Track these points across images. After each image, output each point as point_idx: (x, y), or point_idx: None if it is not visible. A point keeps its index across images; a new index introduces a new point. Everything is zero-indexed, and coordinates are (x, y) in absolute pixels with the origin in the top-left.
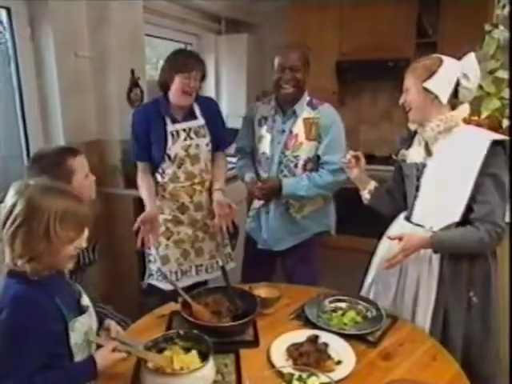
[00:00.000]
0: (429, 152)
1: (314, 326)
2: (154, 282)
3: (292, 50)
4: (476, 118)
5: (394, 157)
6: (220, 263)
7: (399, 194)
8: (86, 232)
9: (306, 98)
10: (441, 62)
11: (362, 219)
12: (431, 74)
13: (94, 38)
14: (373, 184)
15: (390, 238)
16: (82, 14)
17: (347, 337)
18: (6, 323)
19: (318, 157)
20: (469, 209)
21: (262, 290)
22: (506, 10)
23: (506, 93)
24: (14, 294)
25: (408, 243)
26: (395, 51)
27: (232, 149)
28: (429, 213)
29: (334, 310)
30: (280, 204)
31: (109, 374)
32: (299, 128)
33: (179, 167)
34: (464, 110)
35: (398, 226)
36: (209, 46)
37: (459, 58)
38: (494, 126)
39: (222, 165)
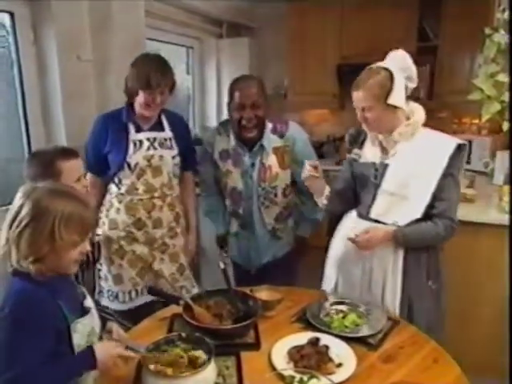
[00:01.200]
0: (385, 152)
1: (315, 329)
2: (105, 301)
3: (250, 85)
4: (477, 121)
5: (347, 155)
6: (221, 266)
7: (351, 193)
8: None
9: (269, 125)
10: (391, 75)
11: None
12: (389, 90)
13: (97, 41)
14: (327, 189)
15: (352, 239)
16: (85, 18)
17: (348, 339)
18: (7, 318)
19: (294, 182)
20: (429, 205)
21: (263, 293)
22: (507, 14)
23: (506, 96)
24: (16, 290)
25: (374, 234)
26: None
27: None
28: (390, 209)
29: (335, 313)
30: (264, 231)
31: (110, 377)
32: (271, 159)
33: (138, 178)
34: (421, 114)
35: (353, 222)
36: (210, 50)
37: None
38: (495, 129)
39: (191, 193)
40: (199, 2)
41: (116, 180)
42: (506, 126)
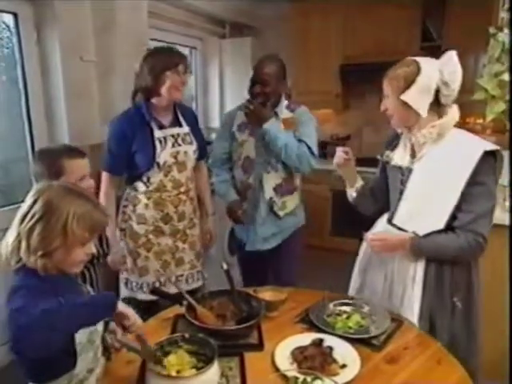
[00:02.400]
0: (413, 156)
1: (319, 330)
2: (130, 292)
3: (265, 64)
4: (481, 120)
5: (378, 157)
6: (225, 267)
7: (381, 194)
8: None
9: (284, 102)
10: (418, 70)
11: (356, 222)
12: (408, 84)
13: (100, 42)
14: (360, 182)
15: (368, 239)
16: (88, 19)
17: (352, 340)
18: (13, 310)
19: None
20: (453, 216)
21: (266, 294)
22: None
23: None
24: (21, 282)
25: (388, 239)
26: (399, 55)
27: None
28: (412, 217)
29: (339, 314)
30: (263, 203)
31: (113, 377)
32: (280, 126)
33: (166, 175)
34: (454, 115)
35: (382, 228)
36: (213, 50)
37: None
38: (500, 129)
39: (206, 180)
40: (202, 3)
41: (144, 178)
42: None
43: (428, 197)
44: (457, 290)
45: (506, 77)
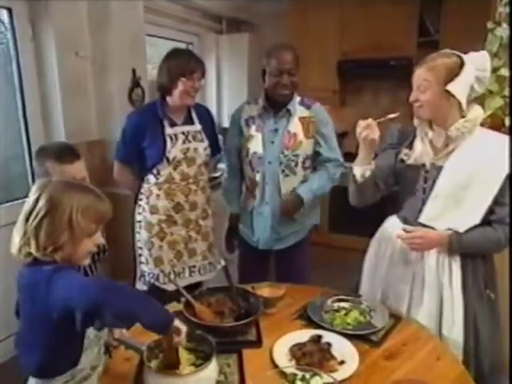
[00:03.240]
0: (436, 152)
1: (317, 326)
2: (156, 283)
3: (287, 53)
4: None
5: (399, 157)
6: (222, 263)
7: (384, 187)
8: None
9: (297, 97)
10: (462, 63)
11: (354, 218)
12: (453, 76)
13: (95, 37)
14: (371, 166)
15: (406, 231)
16: (83, 14)
17: (350, 337)
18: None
19: (315, 154)
20: (489, 211)
21: (264, 290)
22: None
23: (508, 91)
24: (52, 268)
25: (428, 235)
26: (397, 50)
27: None
28: (443, 215)
29: (337, 310)
30: (278, 204)
31: (111, 374)
32: (297, 127)
33: (175, 169)
34: (480, 112)
35: (397, 227)
36: (210, 46)
37: (465, 52)
38: (497, 125)
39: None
40: None
41: (154, 171)
42: (508, 121)
43: (463, 191)
44: (489, 282)
45: (503, 72)
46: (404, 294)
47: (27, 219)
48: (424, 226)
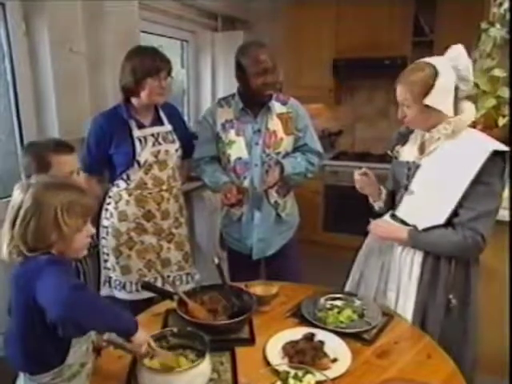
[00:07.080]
0: (422, 151)
1: (310, 324)
2: (111, 291)
3: (264, 50)
4: None
5: (388, 152)
6: (216, 261)
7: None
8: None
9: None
10: (436, 73)
11: (349, 217)
12: (428, 89)
13: (90, 34)
14: (384, 192)
15: (372, 223)
16: (77, 10)
17: (343, 335)
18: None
19: (297, 147)
20: (455, 213)
21: (258, 288)
22: (503, 8)
23: (502, 91)
24: (46, 259)
25: (388, 224)
26: (392, 49)
27: None
28: (415, 212)
29: (330, 308)
30: (269, 208)
31: (104, 372)
32: (276, 125)
33: (146, 173)
34: (470, 114)
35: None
36: (205, 43)
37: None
38: (490, 125)
39: (185, 173)
40: None
41: (124, 176)
42: (501, 121)
43: (432, 192)
44: (453, 287)
45: (496, 72)
46: (372, 282)
47: (13, 224)
48: (402, 221)
